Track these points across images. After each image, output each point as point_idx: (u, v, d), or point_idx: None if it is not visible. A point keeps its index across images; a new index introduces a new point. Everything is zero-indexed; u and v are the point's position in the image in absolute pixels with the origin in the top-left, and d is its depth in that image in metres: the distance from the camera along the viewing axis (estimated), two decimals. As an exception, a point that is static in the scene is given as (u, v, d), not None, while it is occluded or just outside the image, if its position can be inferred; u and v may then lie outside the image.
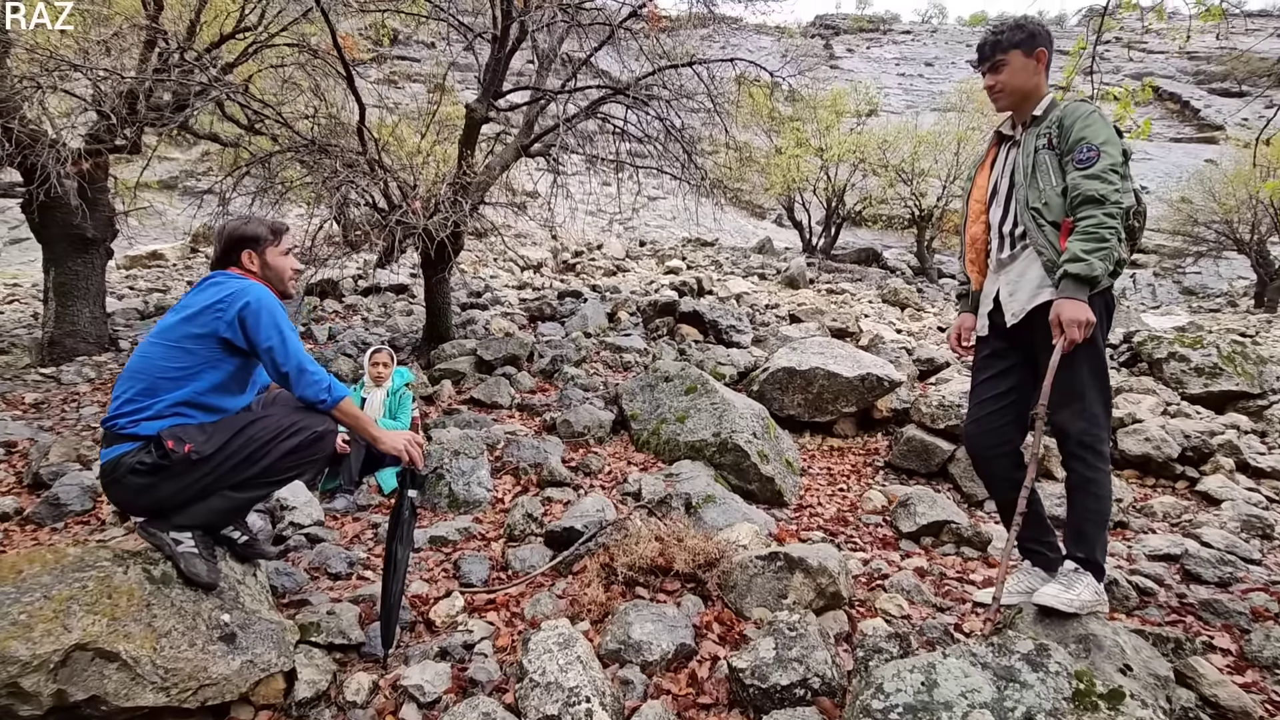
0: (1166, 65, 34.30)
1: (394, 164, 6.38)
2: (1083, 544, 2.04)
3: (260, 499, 2.04)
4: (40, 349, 6.94)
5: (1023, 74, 2.15)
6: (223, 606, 1.80)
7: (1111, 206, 1.90)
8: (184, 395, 1.86)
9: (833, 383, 4.94)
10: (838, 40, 41.88)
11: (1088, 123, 2.01)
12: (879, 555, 3.24)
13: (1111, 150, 1.95)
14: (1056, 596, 1.95)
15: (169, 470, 1.78)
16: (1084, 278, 1.90)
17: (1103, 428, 2.06)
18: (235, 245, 2.07)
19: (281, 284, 2.14)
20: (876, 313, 10.85)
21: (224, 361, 1.91)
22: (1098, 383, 2.05)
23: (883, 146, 17.14)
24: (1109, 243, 1.90)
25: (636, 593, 2.45)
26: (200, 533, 1.88)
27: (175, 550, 1.81)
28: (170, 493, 1.82)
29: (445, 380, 5.64)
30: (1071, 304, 1.92)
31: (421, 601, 2.46)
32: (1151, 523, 3.89)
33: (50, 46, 6.49)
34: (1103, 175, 1.93)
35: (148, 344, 1.90)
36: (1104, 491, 2.05)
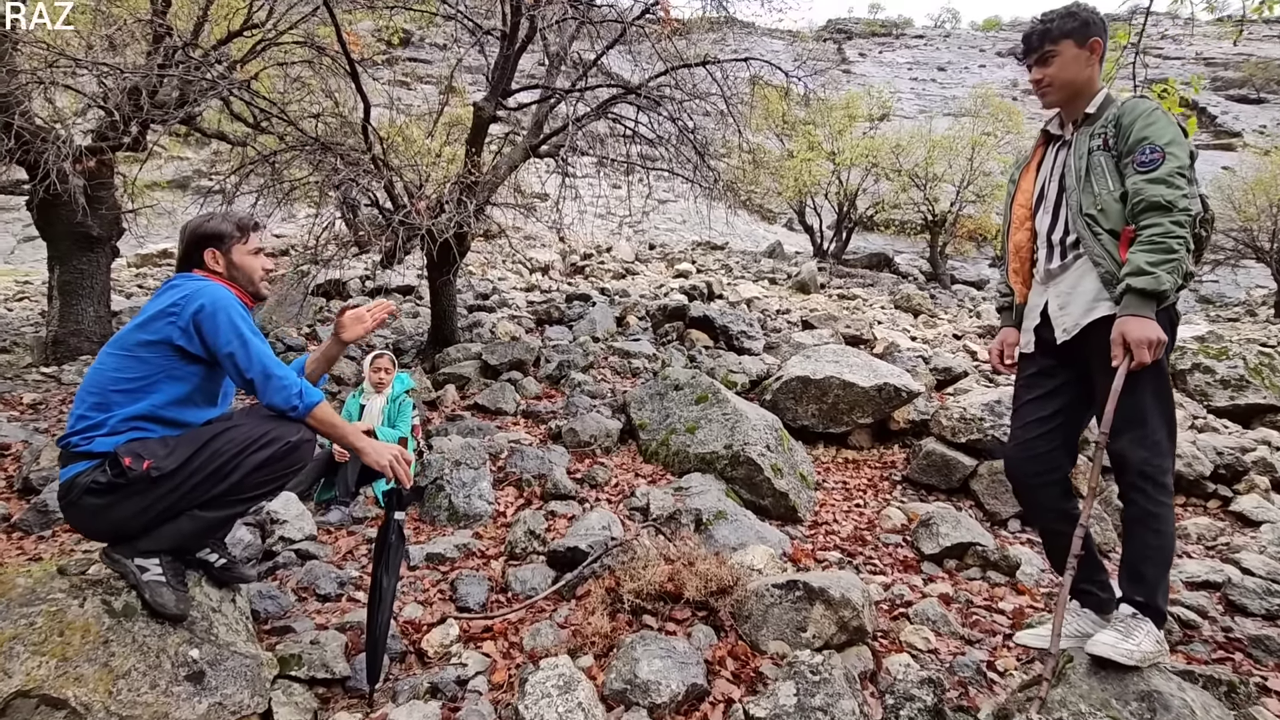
0: (1182, 71, 33.86)
1: (401, 164, 6.27)
2: (1142, 586, 1.85)
3: (233, 518, 1.88)
4: (43, 348, 6.87)
5: (1074, 66, 1.95)
6: (192, 640, 1.65)
7: (1179, 214, 1.71)
8: (141, 409, 1.70)
9: (848, 393, 4.76)
10: (850, 45, 41.64)
11: (1150, 120, 1.81)
12: (900, 579, 3.06)
13: (1177, 152, 1.76)
14: (1114, 647, 1.75)
15: (127, 489, 1.63)
16: (1151, 292, 1.72)
17: (1166, 457, 1.85)
18: (197, 244, 1.91)
19: (251, 284, 1.97)
20: (889, 319, 10.65)
21: (183, 371, 1.76)
22: (1161, 407, 1.86)
23: (896, 151, 16.92)
24: (1178, 254, 1.71)
25: (644, 622, 2.29)
26: (169, 558, 1.73)
27: (140, 579, 1.66)
28: (131, 514, 1.66)
29: (449, 385, 5.50)
30: (1138, 322, 1.73)
31: (414, 628, 2.30)
32: (1185, 545, 3.70)
33: (56, 42, 6.43)
34: (1169, 179, 1.74)
35: (102, 354, 1.75)
36: (1167, 528, 1.85)
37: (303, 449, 1.80)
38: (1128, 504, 1.88)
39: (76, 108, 6.62)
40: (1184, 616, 2.70)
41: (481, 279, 11.86)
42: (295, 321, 7.63)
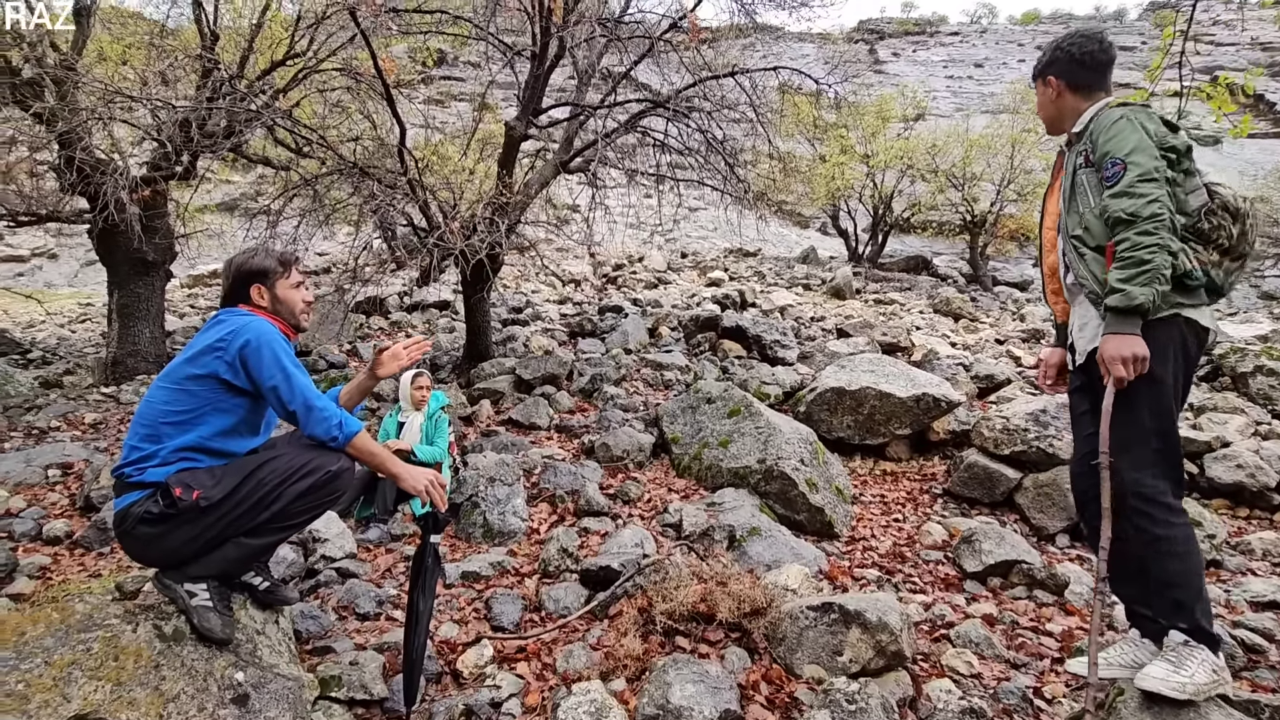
0: (1237, 58, 32.41)
1: (437, 183, 6.42)
2: (1181, 613, 1.78)
3: (276, 544, 1.94)
4: (104, 368, 7.22)
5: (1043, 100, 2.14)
6: (237, 663, 1.71)
7: (1144, 223, 1.72)
8: (190, 440, 1.78)
9: (885, 403, 4.68)
10: (882, 45, 41.06)
11: (1111, 134, 1.84)
12: (941, 599, 2.98)
13: (1139, 159, 1.77)
14: (1165, 680, 1.68)
15: (178, 519, 1.70)
16: (1124, 309, 1.74)
17: (1166, 477, 1.82)
18: (244, 280, 1.99)
19: (293, 317, 2.05)
20: (928, 324, 10.41)
21: (229, 403, 1.83)
22: (1159, 425, 1.82)
23: (931, 151, 16.57)
24: (1150, 264, 1.71)
25: (676, 643, 2.27)
26: (216, 583, 1.80)
27: (189, 604, 1.73)
28: (181, 542, 1.74)
29: (484, 400, 5.58)
30: (1114, 340, 1.76)
31: (450, 648, 2.33)
32: (1250, 561, 3.51)
33: (114, 79, 6.79)
34: (1130, 190, 1.76)
35: (153, 387, 1.84)
36: (1184, 548, 1.79)
37: (343, 477, 1.85)
38: (1137, 530, 1.83)
39: (133, 140, 6.96)
40: (1249, 640, 2.56)
41: (515, 292, 12.03)
42: (336, 339, 7.86)
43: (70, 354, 8.67)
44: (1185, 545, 1.79)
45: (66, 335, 10.41)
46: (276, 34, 7.39)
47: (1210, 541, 3.52)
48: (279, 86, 7.02)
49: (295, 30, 6.98)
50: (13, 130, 6.17)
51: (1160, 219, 1.72)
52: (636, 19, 6.30)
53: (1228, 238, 1.83)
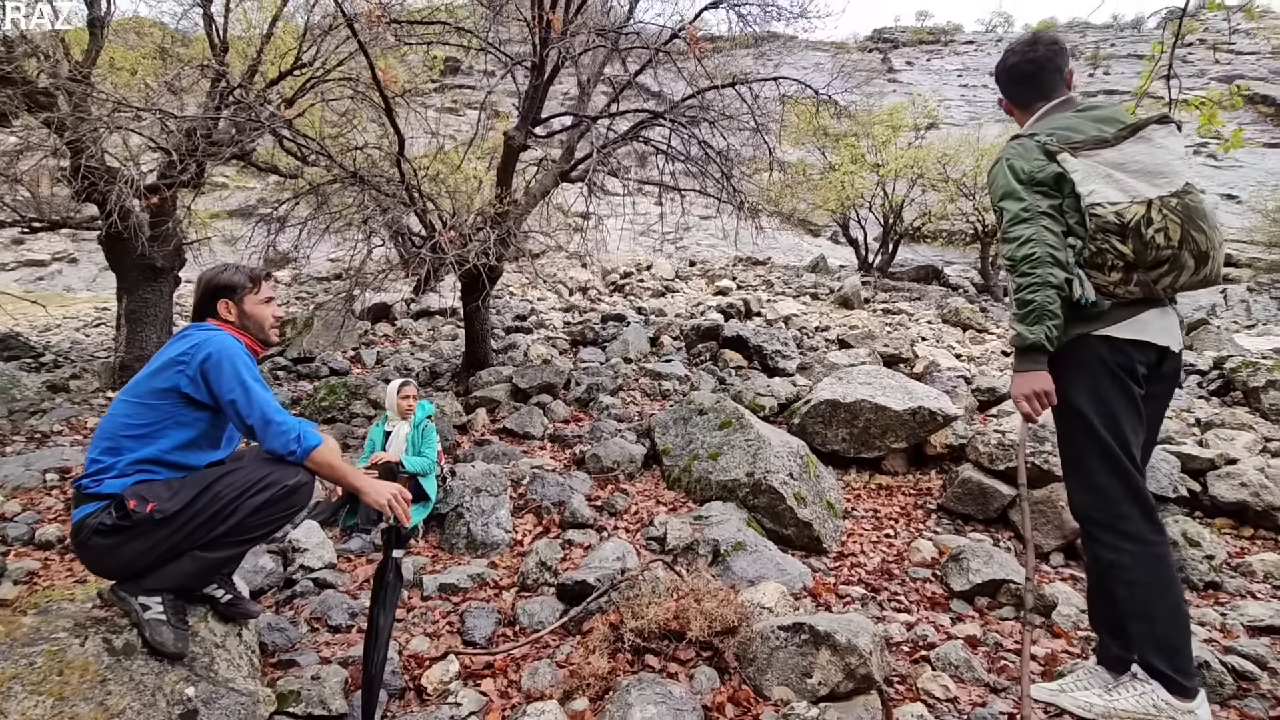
0: (1257, 66, 31.93)
1: (440, 191, 6.46)
2: (1134, 645, 1.74)
3: (235, 558, 1.94)
4: (111, 373, 7.32)
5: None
6: (189, 678, 1.70)
7: (1021, 265, 1.81)
8: (149, 453, 1.78)
9: (880, 416, 4.62)
10: (896, 54, 40.93)
11: (991, 179, 1.94)
12: (926, 618, 2.92)
13: (1007, 204, 1.86)
14: (1076, 699, 1.67)
15: (132, 531, 1.70)
16: (1020, 348, 1.83)
17: (1115, 501, 1.78)
18: (212, 295, 2.00)
19: (262, 332, 2.07)
20: (935, 335, 10.31)
21: (189, 417, 1.83)
22: (1098, 448, 1.80)
23: (942, 160, 16.45)
24: (1033, 303, 1.78)
25: (646, 662, 2.24)
26: (172, 596, 1.80)
27: (142, 617, 1.73)
28: (135, 554, 1.73)
29: (480, 409, 5.59)
30: (1017, 379, 1.85)
31: (417, 663, 2.32)
32: (1250, 583, 3.42)
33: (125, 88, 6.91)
34: (1006, 235, 1.86)
35: (116, 401, 1.85)
36: (1134, 577, 1.74)
37: (301, 492, 1.85)
38: (1089, 556, 1.81)
39: (143, 147, 7.08)
40: (1240, 667, 2.48)
41: (521, 300, 12.07)
42: (339, 344, 7.91)
43: (81, 358, 8.80)
44: (1135, 574, 1.72)
45: (80, 339, 10.58)
46: (286, 44, 7.50)
47: (1209, 563, 3.43)
48: (286, 96, 7.12)
49: (303, 41, 7.09)
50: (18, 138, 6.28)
51: (1033, 258, 1.77)
52: (637, 30, 6.31)
53: (1119, 257, 1.76)
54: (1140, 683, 1.69)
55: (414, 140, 9.25)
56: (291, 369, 7.29)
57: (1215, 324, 11.81)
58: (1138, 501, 1.77)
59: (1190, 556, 3.42)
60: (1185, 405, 6.45)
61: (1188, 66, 33.67)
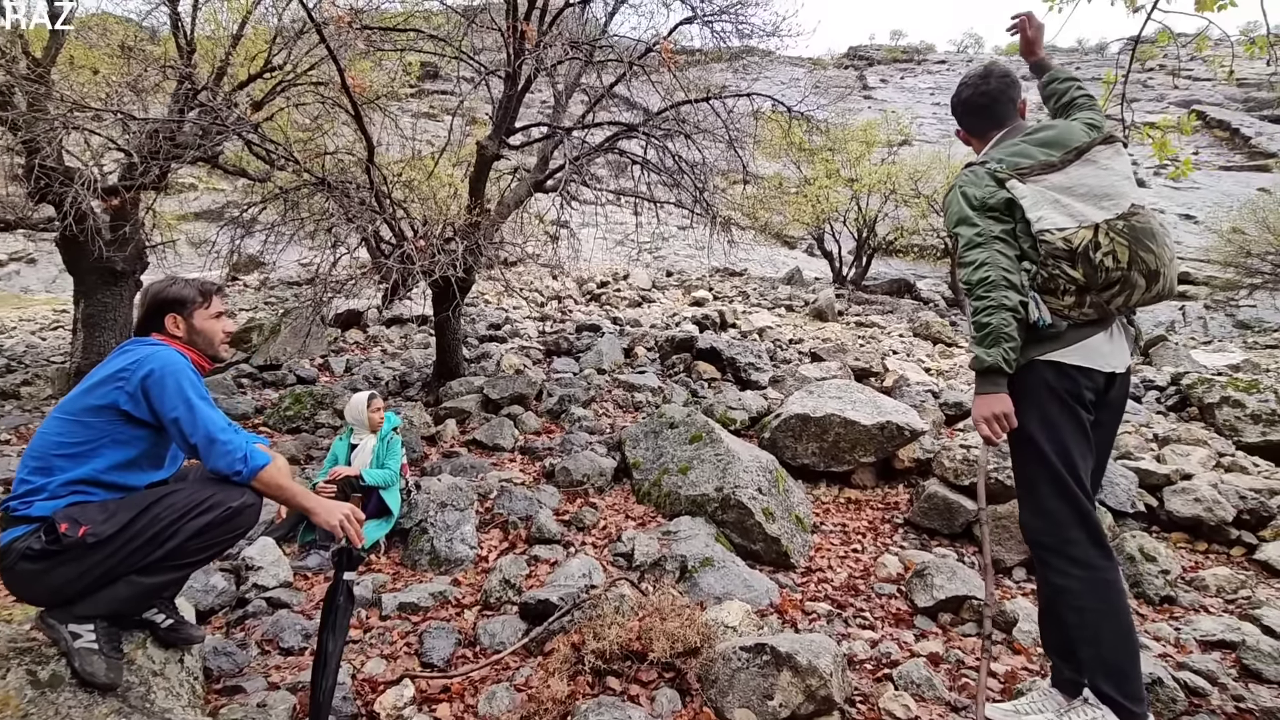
0: (1214, 93, 33.22)
1: (413, 198, 6.38)
2: (1086, 668, 1.76)
3: (175, 583, 1.86)
4: (66, 379, 7.08)
5: None
6: (123, 710, 1.63)
7: (976, 289, 1.85)
8: (83, 473, 1.70)
9: (849, 431, 4.65)
10: (871, 71, 41.76)
11: (945, 206, 1.98)
12: (890, 635, 2.93)
13: (962, 230, 1.90)
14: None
15: (62, 555, 1.61)
16: (979, 371, 1.85)
17: (1065, 526, 1.80)
18: (159, 309, 1.93)
19: (211, 348, 2.00)
20: (906, 348, 10.46)
21: (127, 435, 1.75)
22: (1049, 474, 1.82)
23: (914, 177, 16.78)
24: (989, 326, 1.81)
25: (607, 684, 2.21)
26: (105, 624, 1.71)
27: (71, 646, 1.64)
28: (65, 580, 1.65)
29: (450, 420, 5.51)
30: (977, 401, 1.87)
31: (370, 687, 2.25)
32: (1203, 598, 3.50)
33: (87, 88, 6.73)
34: (961, 261, 1.90)
35: (48, 419, 1.76)
36: (1082, 602, 1.76)
37: (246, 514, 1.78)
38: (1040, 580, 1.84)
39: (102, 148, 6.89)
40: (1191, 683, 2.53)
41: (496, 308, 11.98)
42: (307, 352, 7.75)
43: (35, 363, 8.51)
44: (1083, 600, 1.74)
45: (36, 343, 10.23)
46: (256, 47, 7.38)
47: (1164, 577, 3.50)
48: (256, 99, 6.99)
49: (274, 44, 6.98)
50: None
51: (987, 282, 1.81)
52: (611, 43, 6.33)
53: (1070, 282, 1.79)
54: (1091, 708, 1.71)
55: (389, 146, 9.15)
56: (257, 376, 7.12)
57: (1173, 340, 12.17)
58: (1086, 527, 1.79)
59: (1146, 571, 3.48)
60: (1144, 420, 6.62)
61: (1148, 90, 34.87)
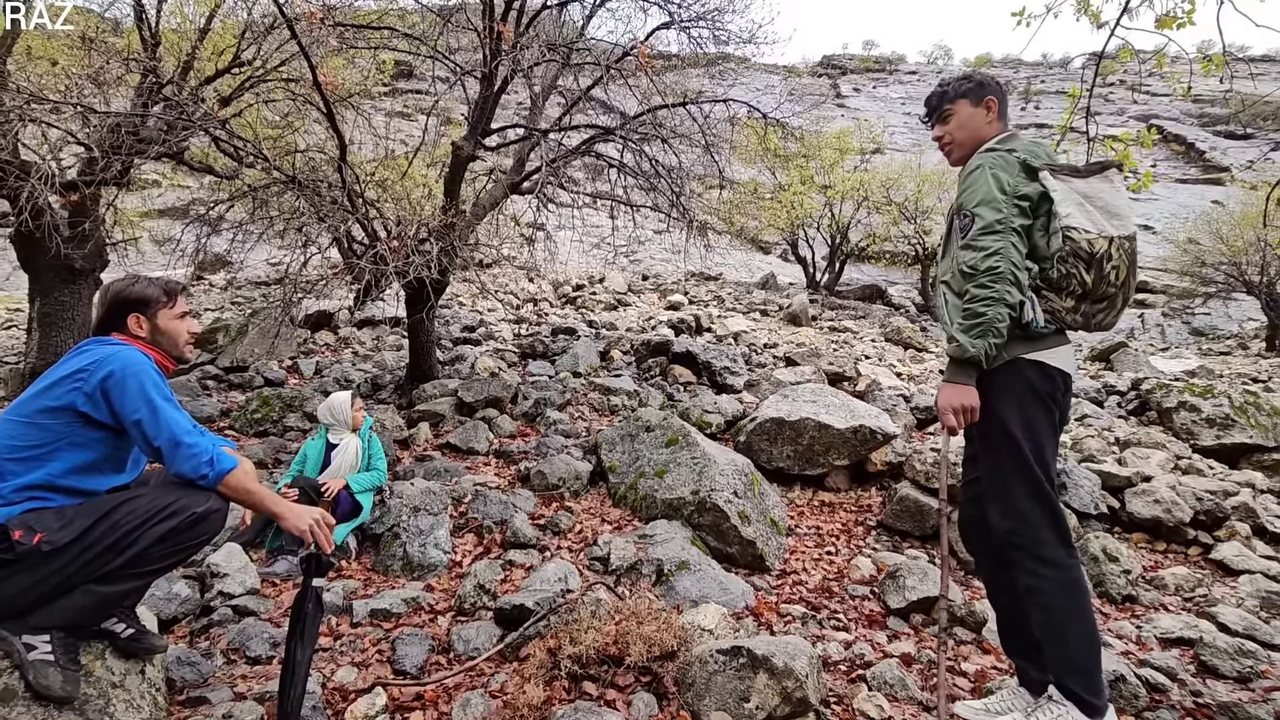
0: (1170, 108, 34.46)
1: (387, 198, 6.28)
2: (1051, 666, 1.80)
3: (135, 591, 1.80)
4: (20, 380, 6.82)
5: (971, 124, 2.04)
6: (80, 724, 1.57)
7: (981, 276, 1.79)
8: (37, 478, 1.64)
9: (824, 434, 4.70)
10: (844, 80, 42.43)
11: (966, 184, 1.90)
12: (864, 636, 2.96)
13: (982, 211, 1.82)
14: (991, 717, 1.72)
15: (15, 565, 1.55)
16: (958, 359, 1.81)
17: (1036, 526, 1.82)
18: (121, 308, 1.87)
19: (175, 349, 1.95)
20: (878, 353, 10.62)
21: (85, 437, 1.69)
22: (1022, 473, 1.83)
23: (886, 184, 17.10)
24: (984, 316, 1.78)
25: (583, 689, 2.19)
26: (62, 634, 1.65)
27: (25, 658, 1.57)
28: (19, 590, 1.58)
29: (423, 423, 5.44)
30: (946, 389, 1.84)
31: (341, 696, 2.20)
32: (1163, 596, 3.61)
33: (45, 79, 6.51)
34: (973, 243, 1.82)
35: (0, 419, 1.69)
36: (1053, 601, 1.79)
37: (210, 520, 1.73)
38: (1012, 578, 1.86)
39: (60, 142, 6.67)
40: (1152, 679, 2.60)
41: (471, 310, 11.86)
42: (275, 353, 7.59)
43: (-14, 364, 8.18)
44: (1056, 599, 1.78)
45: (-14, 343, 9.83)
46: (224, 41, 7.21)
47: (1126, 577, 3.61)
48: (224, 95, 6.83)
49: (242, 39, 6.83)
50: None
51: (996, 272, 1.76)
52: (589, 46, 6.33)
53: (1080, 284, 1.83)
54: (1056, 704, 1.75)
55: (362, 145, 9.00)
56: (223, 378, 6.94)
57: (1133, 346, 12.56)
58: (1056, 527, 1.82)
59: (1109, 571, 3.58)
60: (1106, 424, 6.81)
61: (1108, 105, 36.01)
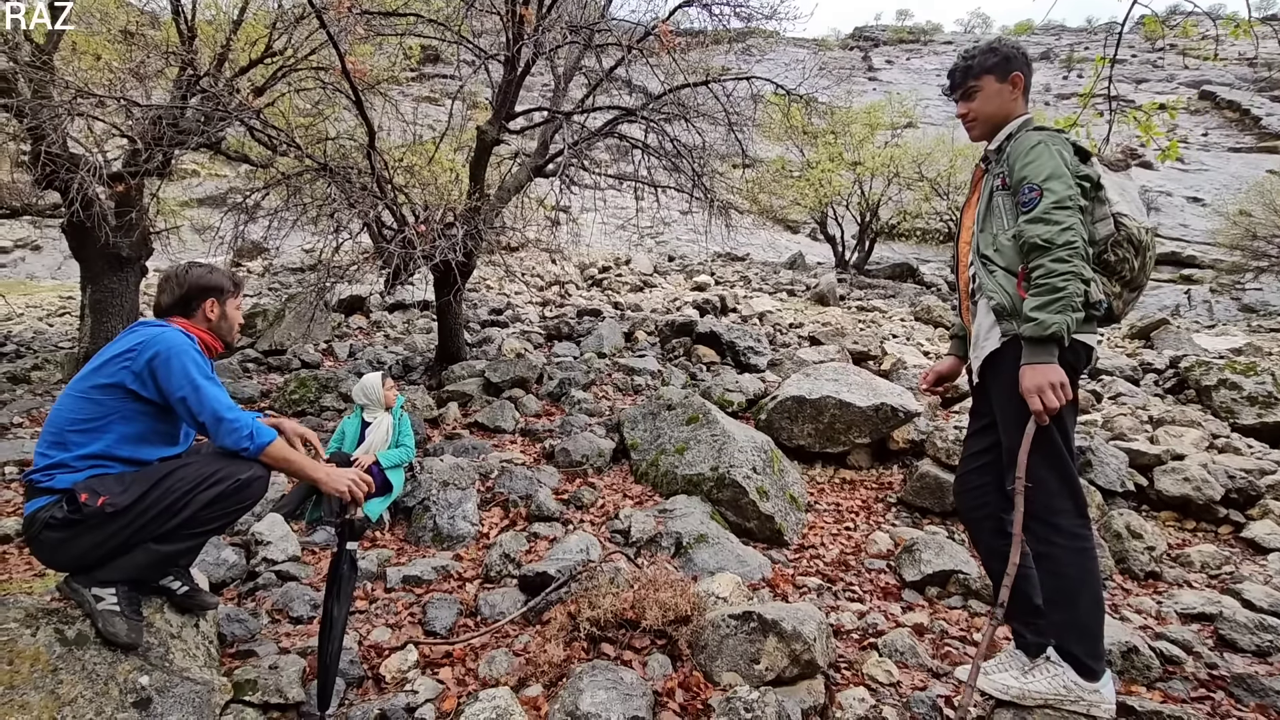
0: (1224, 73, 32.76)
1: (414, 184, 6.43)
2: (1054, 630, 1.84)
3: (189, 551, 1.96)
4: (75, 364, 7.19)
5: (996, 100, 2.00)
6: (143, 667, 1.73)
7: (1060, 250, 1.73)
8: (97, 448, 1.80)
9: (845, 412, 4.72)
10: (876, 52, 41.31)
11: (1028, 159, 1.83)
12: (878, 607, 3.02)
13: (1055, 186, 1.77)
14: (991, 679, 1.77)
15: (83, 524, 1.72)
16: (1038, 339, 1.74)
17: (1053, 496, 1.83)
18: (199, 293, 2.05)
19: (230, 335, 2.14)
20: (906, 333, 10.49)
21: (134, 411, 1.85)
22: (1046, 444, 1.84)
23: (918, 160, 16.71)
24: (1063, 291, 1.72)
25: (601, 650, 2.31)
26: (125, 588, 1.82)
27: (95, 607, 1.75)
28: (88, 547, 1.75)
29: (452, 403, 5.60)
30: (1030, 371, 1.75)
31: (376, 653, 2.36)
32: (1188, 573, 3.58)
33: (90, 75, 6.77)
34: (1045, 217, 1.76)
35: (62, 395, 1.86)
36: (1064, 569, 1.81)
37: (254, 486, 1.88)
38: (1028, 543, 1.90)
39: (105, 134, 6.95)
40: (1167, 652, 2.62)
41: (498, 293, 12.04)
42: (311, 337, 7.84)
43: (44, 348, 8.63)
44: (1066, 567, 1.81)
45: (44, 329, 10.34)
46: (256, 31, 7.40)
47: (1150, 553, 3.59)
48: (257, 85, 7.02)
49: (274, 28, 7.00)
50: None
51: (1074, 246, 1.72)
52: (611, 26, 6.33)
53: (1130, 270, 1.85)
54: (1053, 665, 1.80)
55: (390, 131, 9.15)
56: (262, 361, 7.22)
57: (1176, 324, 12.16)
58: (1074, 497, 1.85)
59: (1132, 548, 3.57)
60: (1140, 403, 6.67)
61: (1157, 71, 34.41)
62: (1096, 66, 2.89)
